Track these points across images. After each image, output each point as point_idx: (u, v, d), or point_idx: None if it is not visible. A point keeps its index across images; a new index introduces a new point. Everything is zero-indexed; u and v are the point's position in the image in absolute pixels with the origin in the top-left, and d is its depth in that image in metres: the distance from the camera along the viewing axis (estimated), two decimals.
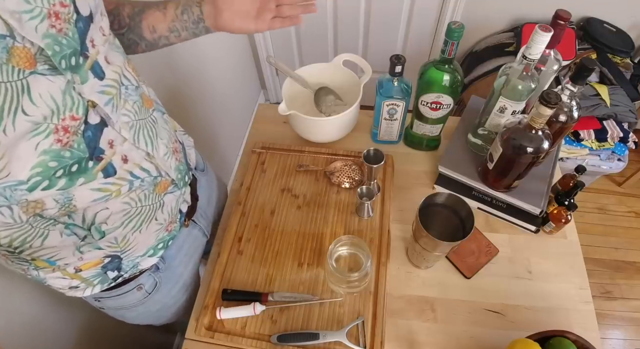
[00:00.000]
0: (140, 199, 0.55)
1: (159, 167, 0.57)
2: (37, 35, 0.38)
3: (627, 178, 1.85)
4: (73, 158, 0.44)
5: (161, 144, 0.58)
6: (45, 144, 0.40)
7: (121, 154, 0.50)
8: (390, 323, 0.69)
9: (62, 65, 0.41)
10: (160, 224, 0.61)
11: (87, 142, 0.45)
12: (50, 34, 0.39)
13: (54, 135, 0.41)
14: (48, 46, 0.39)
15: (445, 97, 0.76)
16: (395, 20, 1.71)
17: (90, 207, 0.49)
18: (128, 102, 0.51)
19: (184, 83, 1.21)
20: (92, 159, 0.45)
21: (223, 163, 1.60)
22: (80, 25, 0.43)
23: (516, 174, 0.72)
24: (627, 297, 1.59)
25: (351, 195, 0.83)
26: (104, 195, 0.49)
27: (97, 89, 0.46)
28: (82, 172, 0.45)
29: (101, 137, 0.46)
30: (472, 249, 0.76)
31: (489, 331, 0.68)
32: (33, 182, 0.41)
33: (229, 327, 0.68)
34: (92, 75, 0.45)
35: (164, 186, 0.59)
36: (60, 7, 0.40)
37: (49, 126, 0.40)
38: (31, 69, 0.38)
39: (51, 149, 0.41)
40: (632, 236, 1.74)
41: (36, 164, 0.40)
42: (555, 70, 0.71)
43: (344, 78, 0.91)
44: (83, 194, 0.47)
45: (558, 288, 0.72)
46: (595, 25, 1.52)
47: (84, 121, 0.44)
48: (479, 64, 1.58)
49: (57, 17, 0.40)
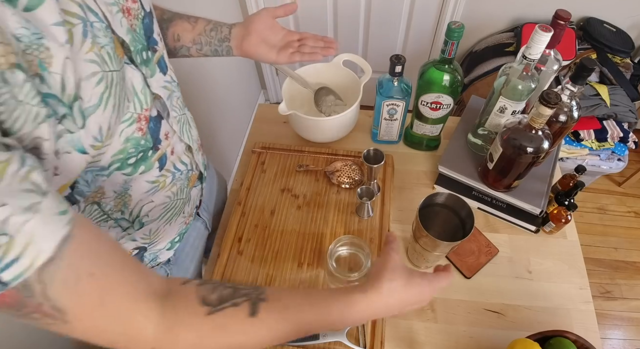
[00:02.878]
0: (177, 193, 0.58)
1: (192, 161, 0.60)
2: (123, 29, 0.40)
3: (627, 178, 1.85)
4: (144, 146, 0.46)
5: (194, 139, 0.62)
6: (128, 132, 0.42)
7: (171, 147, 0.53)
8: (390, 323, 0.69)
9: (138, 60, 0.43)
10: (184, 217, 0.63)
11: (151, 132, 0.47)
12: (129, 29, 0.42)
13: (137, 123, 0.43)
14: (131, 42, 0.42)
15: (445, 97, 0.76)
16: (395, 20, 1.71)
17: (142, 201, 0.51)
18: (175, 98, 0.55)
19: (184, 83, 1.20)
20: (152, 148, 0.48)
21: (223, 163, 1.60)
22: (146, 21, 0.45)
23: (516, 174, 0.72)
24: (627, 297, 1.59)
25: (351, 195, 0.83)
26: (154, 186, 0.51)
27: (160, 84, 0.49)
28: (144, 160, 0.47)
29: (160, 128, 0.49)
30: (472, 249, 0.76)
31: (489, 331, 0.68)
32: (113, 168, 0.43)
33: None
34: (158, 70, 0.48)
35: (193, 180, 0.63)
36: (131, 3, 0.42)
37: (132, 114, 0.42)
38: (123, 58, 0.41)
39: (133, 136, 0.43)
40: (632, 236, 1.74)
41: (118, 151, 0.42)
42: (555, 70, 0.71)
43: (344, 78, 0.91)
44: (140, 186, 0.49)
45: (558, 288, 0.72)
46: (595, 25, 1.52)
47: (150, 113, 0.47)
48: (479, 64, 1.58)
49: (129, 14, 0.42)
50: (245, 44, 0.62)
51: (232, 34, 0.62)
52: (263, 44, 0.62)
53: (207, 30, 0.62)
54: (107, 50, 0.36)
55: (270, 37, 0.63)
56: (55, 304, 0.29)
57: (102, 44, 0.36)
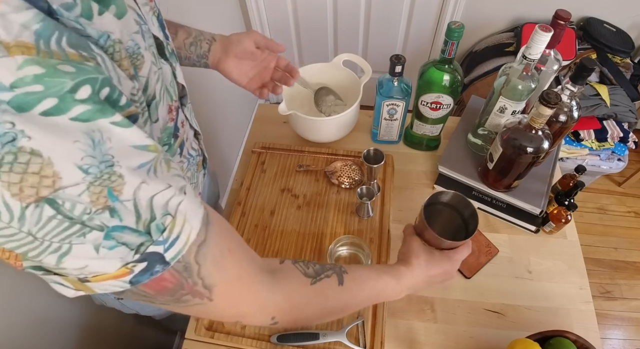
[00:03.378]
0: (191, 178, 0.60)
1: (200, 146, 0.62)
2: (155, 27, 0.42)
3: (627, 178, 1.85)
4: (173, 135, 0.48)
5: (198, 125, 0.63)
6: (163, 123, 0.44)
7: (186, 134, 0.54)
8: (390, 323, 0.69)
9: (167, 54, 0.45)
10: None
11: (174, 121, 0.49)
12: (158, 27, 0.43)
13: (169, 114, 0.45)
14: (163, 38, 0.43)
15: (445, 97, 0.76)
16: (395, 20, 1.71)
17: None
18: None
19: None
20: (174, 136, 0.50)
21: (223, 163, 1.60)
22: (160, 18, 0.47)
23: (516, 174, 0.72)
24: (627, 297, 1.59)
25: (351, 195, 0.83)
26: None
27: (181, 74, 0.50)
28: (170, 148, 0.49)
29: (178, 117, 0.51)
30: (472, 249, 0.76)
31: (489, 331, 0.68)
32: None
33: (229, 327, 0.68)
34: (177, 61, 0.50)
35: (200, 165, 0.64)
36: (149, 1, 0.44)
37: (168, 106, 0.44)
38: None
39: (167, 126, 0.45)
40: (632, 236, 1.74)
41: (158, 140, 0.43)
42: (555, 70, 0.71)
43: (344, 78, 0.91)
44: None
45: (558, 288, 0.72)
46: (595, 25, 1.52)
47: None
48: (479, 64, 1.58)
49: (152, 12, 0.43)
50: (221, 65, 0.66)
51: (211, 52, 0.65)
52: (237, 69, 0.67)
53: (186, 45, 0.64)
54: (152, 50, 0.38)
55: (246, 64, 0.68)
56: (207, 282, 0.32)
57: (150, 44, 0.38)
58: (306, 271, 0.42)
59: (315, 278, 0.42)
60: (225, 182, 1.60)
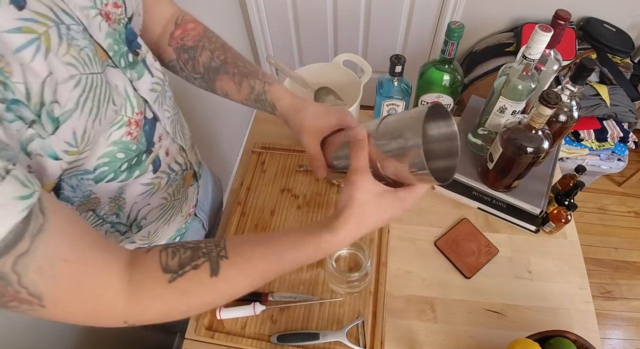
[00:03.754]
0: (174, 193, 0.58)
1: (186, 160, 0.60)
2: (102, 34, 0.40)
3: (627, 178, 1.85)
4: (136, 151, 0.46)
5: (187, 138, 0.61)
6: (116, 136, 0.42)
7: (165, 148, 0.52)
8: (390, 323, 0.69)
9: (122, 64, 0.43)
10: (183, 216, 0.64)
11: (146, 136, 0.47)
12: (110, 32, 0.41)
13: (126, 128, 0.43)
14: (109, 47, 0.41)
15: (445, 97, 0.76)
16: (395, 20, 1.71)
17: (137, 204, 0.51)
18: (166, 98, 0.54)
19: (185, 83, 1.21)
20: (146, 152, 0.47)
21: (223, 163, 1.60)
22: (129, 26, 0.45)
23: (516, 174, 0.72)
24: (627, 297, 1.59)
25: None
26: (149, 189, 0.51)
27: (148, 87, 0.48)
28: (138, 165, 0.47)
29: (155, 131, 0.49)
30: (472, 249, 0.76)
31: (489, 331, 0.68)
32: (100, 173, 0.42)
33: (229, 327, 0.68)
34: (147, 72, 0.48)
35: (189, 179, 0.63)
36: (112, 7, 0.42)
37: (123, 118, 0.42)
38: (106, 61, 0.40)
39: (121, 140, 0.42)
40: (632, 236, 1.74)
41: (104, 154, 0.41)
42: (555, 70, 0.71)
43: (344, 78, 0.91)
44: (134, 189, 0.48)
45: (558, 288, 0.72)
46: (595, 25, 1.52)
47: (144, 115, 0.46)
48: (479, 64, 1.58)
49: (109, 18, 0.41)
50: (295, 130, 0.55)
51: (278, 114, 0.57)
52: None
53: (252, 100, 0.57)
54: (87, 53, 0.36)
55: None
56: (32, 290, 0.30)
57: (81, 46, 0.35)
58: (167, 264, 0.37)
59: (176, 272, 0.37)
60: (225, 182, 1.60)
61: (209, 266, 0.38)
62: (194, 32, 0.58)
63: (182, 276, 0.37)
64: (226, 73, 0.57)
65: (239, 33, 1.76)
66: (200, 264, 0.37)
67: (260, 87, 0.56)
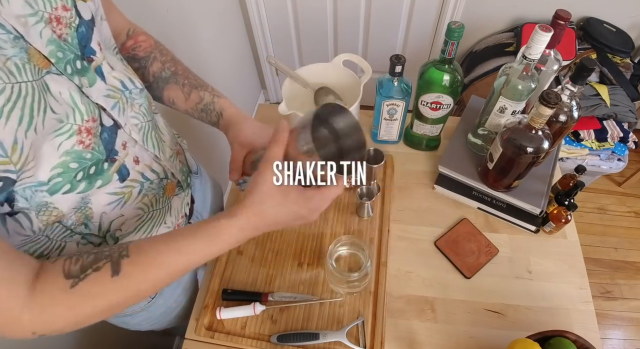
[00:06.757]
0: (152, 204, 0.56)
1: (166, 168, 0.58)
2: (42, 41, 0.38)
3: (627, 178, 1.85)
4: (92, 160, 0.44)
5: (166, 146, 0.59)
6: (67, 145, 0.40)
7: (133, 156, 0.50)
8: (390, 323, 0.69)
9: (68, 71, 0.41)
10: (169, 227, 0.61)
11: (104, 144, 0.45)
12: (54, 39, 0.39)
13: (77, 136, 0.41)
14: (51, 53, 0.39)
15: (445, 97, 0.76)
16: (395, 20, 1.71)
17: (106, 214, 0.49)
18: (134, 106, 0.52)
19: None
20: (107, 160, 0.46)
21: (223, 163, 1.60)
22: (82, 29, 0.43)
23: (516, 174, 0.72)
24: (627, 297, 1.59)
25: (351, 195, 0.83)
26: (118, 198, 0.49)
27: (103, 93, 0.46)
28: (99, 174, 0.45)
29: (116, 139, 0.47)
30: (472, 249, 0.76)
31: (489, 331, 0.68)
32: (53, 184, 0.41)
33: (229, 327, 0.68)
34: (99, 78, 0.46)
35: (171, 189, 0.61)
36: (62, 11, 0.40)
37: (72, 126, 0.40)
38: (47, 68, 0.39)
39: (73, 150, 0.41)
40: (632, 236, 1.74)
41: (57, 165, 0.40)
42: (555, 70, 0.71)
43: (344, 78, 0.91)
44: (100, 198, 0.47)
45: (558, 288, 0.72)
46: (595, 25, 1.52)
47: (100, 123, 0.45)
48: (479, 64, 1.58)
49: (59, 22, 0.40)
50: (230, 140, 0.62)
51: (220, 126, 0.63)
52: None
53: (198, 109, 0.62)
54: (14, 62, 0.35)
55: None
56: None
57: (8, 56, 0.34)
58: (70, 270, 0.37)
59: (77, 277, 0.37)
60: (226, 182, 1.60)
61: (110, 266, 0.38)
62: (145, 43, 0.61)
63: (84, 280, 0.37)
64: (176, 83, 0.62)
65: (239, 33, 1.76)
66: (101, 266, 0.38)
67: (209, 98, 0.62)
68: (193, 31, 1.24)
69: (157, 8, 1.05)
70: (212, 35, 1.41)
